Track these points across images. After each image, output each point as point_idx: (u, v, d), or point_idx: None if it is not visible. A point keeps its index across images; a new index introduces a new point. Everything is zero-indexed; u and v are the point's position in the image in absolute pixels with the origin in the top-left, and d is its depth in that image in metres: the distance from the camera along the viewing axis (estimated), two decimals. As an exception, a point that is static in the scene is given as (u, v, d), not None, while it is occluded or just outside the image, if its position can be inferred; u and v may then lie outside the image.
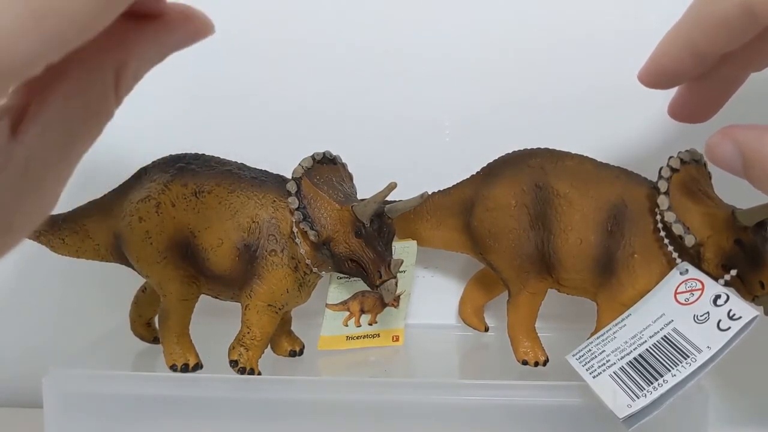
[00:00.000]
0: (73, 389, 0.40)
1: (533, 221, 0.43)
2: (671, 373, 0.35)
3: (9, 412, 0.53)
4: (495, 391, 0.40)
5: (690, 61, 0.31)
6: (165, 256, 0.42)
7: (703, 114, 0.35)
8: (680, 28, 0.31)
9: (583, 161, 0.43)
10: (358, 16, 0.53)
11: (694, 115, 0.35)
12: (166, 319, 0.44)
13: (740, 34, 0.28)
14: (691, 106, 0.35)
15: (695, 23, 0.30)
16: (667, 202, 0.39)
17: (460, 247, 0.47)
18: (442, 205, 0.47)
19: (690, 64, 0.31)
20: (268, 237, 0.41)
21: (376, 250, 0.39)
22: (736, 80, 0.34)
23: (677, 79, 0.33)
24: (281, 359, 0.47)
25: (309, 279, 0.42)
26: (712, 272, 0.38)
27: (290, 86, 0.54)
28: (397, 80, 0.54)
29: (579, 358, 0.38)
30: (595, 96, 0.52)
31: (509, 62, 0.53)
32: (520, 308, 0.44)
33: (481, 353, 0.52)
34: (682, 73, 0.32)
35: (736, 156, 0.29)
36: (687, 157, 0.40)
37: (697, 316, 0.37)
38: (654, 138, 0.52)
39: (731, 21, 0.28)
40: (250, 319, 0.42)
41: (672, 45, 0.31)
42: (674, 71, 0.32)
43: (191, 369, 0.43)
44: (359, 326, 0.49)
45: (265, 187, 0.42)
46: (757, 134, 0.28)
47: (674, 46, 0.31)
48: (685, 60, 0.31)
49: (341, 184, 0.42)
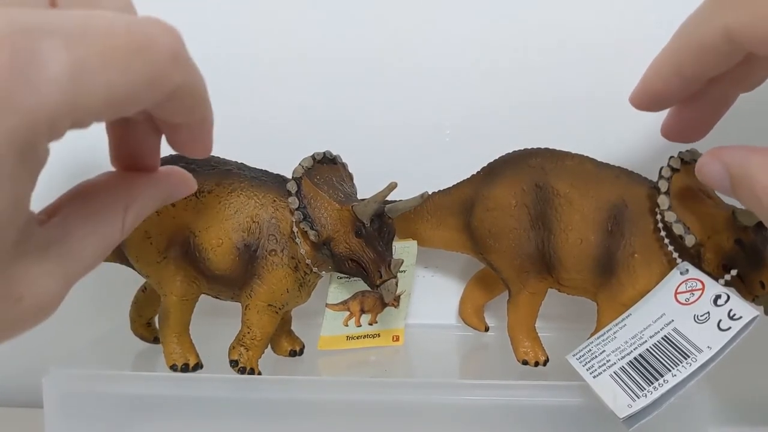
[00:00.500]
0: (73, 389, 0.40)
1: (533, 221, 0.43)
2: (671, 373, 0.35)
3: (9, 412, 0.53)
4: (495, 391, 0.40)
5: (678, 85, 0.32)
6: (165, 256, 0.42)
7: (695, 134, 0.36)
8: (667, 53, 0.32)
9: (583, 161, 0.43)
10: (359, 17, 0.53)
11: (687, 135, 0.36)
12: (166, 319, 0.44)
13: (724, 59, 0.29)
14: (683, 127, 0.36)
15: (681, 48, 0.31)
16: (667, 201, 0.39)
17: (461, 247, 0.47)
18: (442, 204, 0.47)
19: (678, 87, 0.32)
20: (269, 237, 0.41)
21: (377, 250, 0.39)
22: (725, 101, 0.34)
23: (667, 102, 0.34)
24: (281, 359, 0.47)
25: (309, 279, 0.42)
26: (712, 272, 0.38)
27: (291, 86, 0.54)
28: (398, 80, 0.54)
29: (579, 358, 0.38)
30: (595, 96, 0.52)
31: (509, 63, 0.53)
32: (521, 308, 0.44)
33: (481, 353, 0.52)
34: (671, 96, 0.33)
35: (725, 176, 0.30)
36: (687, 157, 0.40)
37: (697, 316, 0.37)
38: (654, 138, 0.52)
39: (714, 47, 0.29)
40: (250, 318, 0.42)
41: (660, 69, 0.32)
42: (663, 94, 0.33)
43: (191, 369, 0.43)
44: (359, 326, 0.49)
45: (265, 187, 0.42)
46: (742, 155, 0.29)
47: (662, 70, 0.32)
48: (673, 84, 0.32)
49: (341, 183, 0.42)
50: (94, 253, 0.22)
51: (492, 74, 0.53)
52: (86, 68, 0.17)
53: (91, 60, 0.17)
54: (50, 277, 0.20)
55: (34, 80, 0.16)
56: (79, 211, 0.22)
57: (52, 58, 0.16)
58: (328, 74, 0.54)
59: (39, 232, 0.21)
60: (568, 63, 0.52)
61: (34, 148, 0.17)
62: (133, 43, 0.19)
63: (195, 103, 0.22)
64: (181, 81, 0.20)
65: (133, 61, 0.18)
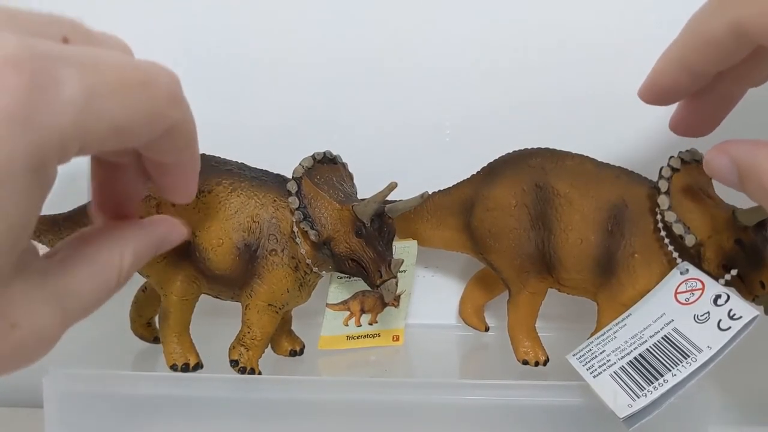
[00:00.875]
0: (73, 389, 0.40)
1: (533, 221, 0.43)
2: (672, 372, 0.35)
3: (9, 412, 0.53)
4: (495, 391, 0.40)
5: (686, 79, 0.32)
6: (165, 256, 0.42)
7: (704, 128, 0.36)
8: (675, 48, 0.32)
9: (583, 161, 0.43)
10: (359, 18, 0.53)
11: (695, 129, 0.36)
12: (166, 319, 0.44)
13: (732, 52, 0.29)
14: (692, 121, 0.36)
15: (689, 43, 0.31)
16: (667, 201, 0.39)
17: (461, 247, 0.47)
18: (442, 204, 0.47)
19: (686, 82, 0.32)
20: (269, 237, 0.41)
21: (377, 250, 0.39)
22: (733, 96, 0.35)
23: (675, 96, 0.34)
24: (281, 359, 0.47)
25: (309, 279, 0.42)
26: (712, 272, 0.38)
27: (291, 86, 0.54)
28: (398, 80, 0.54)
29: (579, 357, 0.38)
30: (596, 96, 0.52)
31: (510, 63, 0.53)
32: (521, 308, 0.44)
33: (481, 353, 0.52)
34: (679, 91, 0.33)
35: (733, 170, 0.30)
36: (687, 157, 0.40)
37: (697, 316, 0.37)
38: (654, 138, 0.52)
39: (722, 40, 0.29)
40: (250, 318, 0.42)
41: (668, 64, 0.32)
42: (671, 89, 0.33)
43: (191, 369, 0.43)
44: (359, 326, 0.49)
45: (265, 187, 0.42)
46: (750, 148, 0.29)
47: (670, 64, 0.32)
48: (681, 78, 0.32)
49: (341, 183, 0.42)
50: (91, 296, 0.22)
51: (492, 74, 0.53)
52: (97, 95, 0.18)
53: (102, 88, 0.19)
54: (48, 307, 0.20)
55: (50, 101, 0.17)
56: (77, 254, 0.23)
57: (68, 82, 0.18)
58: (328, 74, 0.54)
59: (39, 263, 0.21)
60: (569, 63, 0.52)
61: (46, 168, 0.18)
62: (138, 78, 0.20)
63: (187, 143, 0.24)
64: (176, 119, 0.22)
65: (137, 95, 0.20)
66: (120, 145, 0.20)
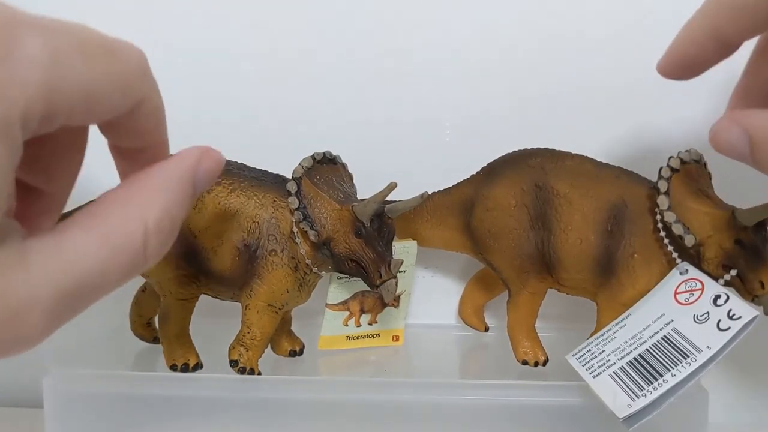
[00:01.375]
0: (73, 389, 0.40)
1: (533, 221, 0.43)
2: (671, 372, 0.35)
3: (9, 412, 0.53)
4: (495, 391, 0.40)
5: (713, 48, 0.30)
6: (165, 256, 0.42)
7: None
8: (703, 15, 0.30)
9: (583, 161, 0.43)
10: (359, 17, 0.53)
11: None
12: (166, 319, 0.44)
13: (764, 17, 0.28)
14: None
15: (716, 10, 0.29)
16: (667, 202, 0.39)
17: (460, 247, 0.47)
18: (442, 205, 0.47)
19: (713, 50, 0.30)
20: (268, 237, 0.41)
21: (376, 250, 0.39)
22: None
23: (699, 68, 0.32)
24: (281, 359, 0.47)
25: (309, 279, 0.42)
26: (712, 272, 0.38)
27: (291, 86, 0.54)
28: (398, 80, 0.54)
29: (579, 358, 0.38)
30: (596, 96, 0.52)
31: (509, 62, 0.53)
32: (520, 308, 0.44)
33: (481, 353, 0.52)
34: (705, 61, 0.31)
35: (744, 140, 0.28)
36: (687, 157, 0.40)
37: (697, 316, 0.37)
38: (654, 138, 0.52)
39: (754, 4, 0.27)
40: (250, 318, 0.42)
41: (693, 33, 0.31)
42: (696, 59, 0.31)
43: (191, 369, 0.43)
44: (359, 326, 0.49)
45: (265, 187, 0.42)
46: (765, 117, 0.28)
47: (695, 33, 0.31)
48: (708, 47, 0.30)
49: (341, 183, 0.42)
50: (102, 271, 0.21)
51: (492, 74, 0.53)
52: (63, 55, 0.18)
53: (68, 49, 0.18)
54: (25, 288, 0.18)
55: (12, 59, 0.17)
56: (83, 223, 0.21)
57: (31, 43, 0.17)
58: (328, 74, 0.54)
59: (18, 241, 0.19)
60: (569, 63, 0.52)
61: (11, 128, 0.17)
62: (105, 45, 0.20)
63: (156, 124, 0.23)
64: (146, 93, 0.21)
65: (105, 60, 0.19)
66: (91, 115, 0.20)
